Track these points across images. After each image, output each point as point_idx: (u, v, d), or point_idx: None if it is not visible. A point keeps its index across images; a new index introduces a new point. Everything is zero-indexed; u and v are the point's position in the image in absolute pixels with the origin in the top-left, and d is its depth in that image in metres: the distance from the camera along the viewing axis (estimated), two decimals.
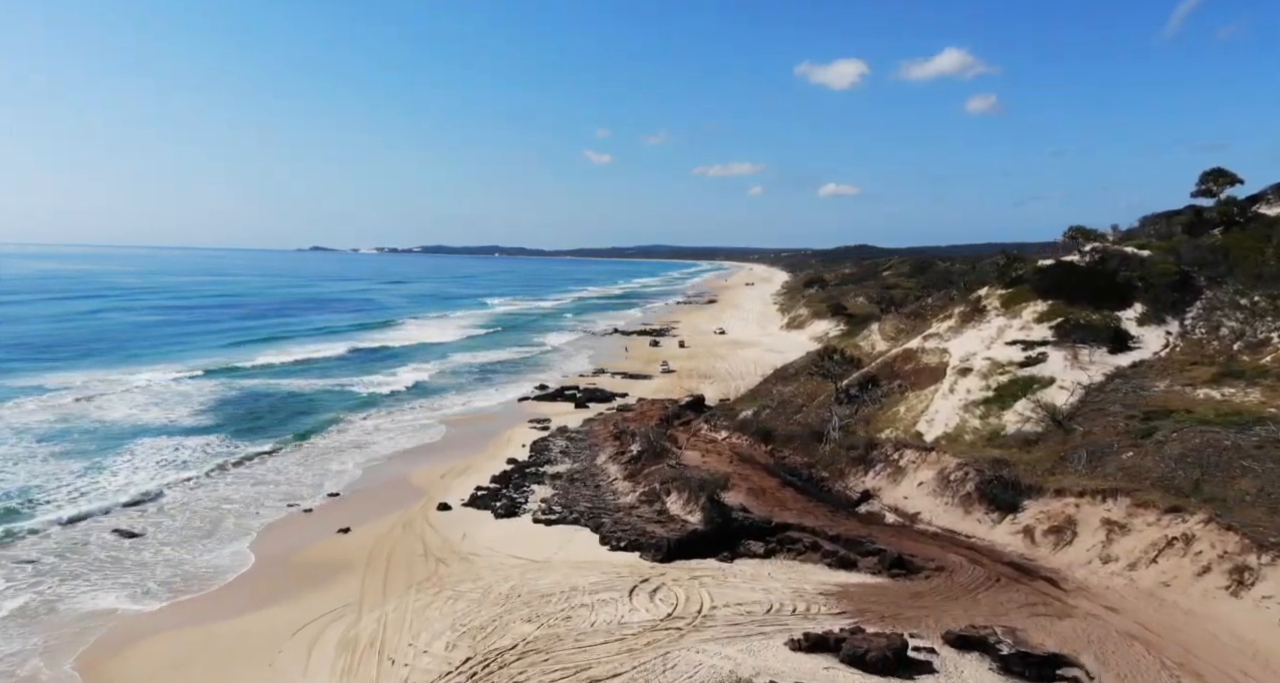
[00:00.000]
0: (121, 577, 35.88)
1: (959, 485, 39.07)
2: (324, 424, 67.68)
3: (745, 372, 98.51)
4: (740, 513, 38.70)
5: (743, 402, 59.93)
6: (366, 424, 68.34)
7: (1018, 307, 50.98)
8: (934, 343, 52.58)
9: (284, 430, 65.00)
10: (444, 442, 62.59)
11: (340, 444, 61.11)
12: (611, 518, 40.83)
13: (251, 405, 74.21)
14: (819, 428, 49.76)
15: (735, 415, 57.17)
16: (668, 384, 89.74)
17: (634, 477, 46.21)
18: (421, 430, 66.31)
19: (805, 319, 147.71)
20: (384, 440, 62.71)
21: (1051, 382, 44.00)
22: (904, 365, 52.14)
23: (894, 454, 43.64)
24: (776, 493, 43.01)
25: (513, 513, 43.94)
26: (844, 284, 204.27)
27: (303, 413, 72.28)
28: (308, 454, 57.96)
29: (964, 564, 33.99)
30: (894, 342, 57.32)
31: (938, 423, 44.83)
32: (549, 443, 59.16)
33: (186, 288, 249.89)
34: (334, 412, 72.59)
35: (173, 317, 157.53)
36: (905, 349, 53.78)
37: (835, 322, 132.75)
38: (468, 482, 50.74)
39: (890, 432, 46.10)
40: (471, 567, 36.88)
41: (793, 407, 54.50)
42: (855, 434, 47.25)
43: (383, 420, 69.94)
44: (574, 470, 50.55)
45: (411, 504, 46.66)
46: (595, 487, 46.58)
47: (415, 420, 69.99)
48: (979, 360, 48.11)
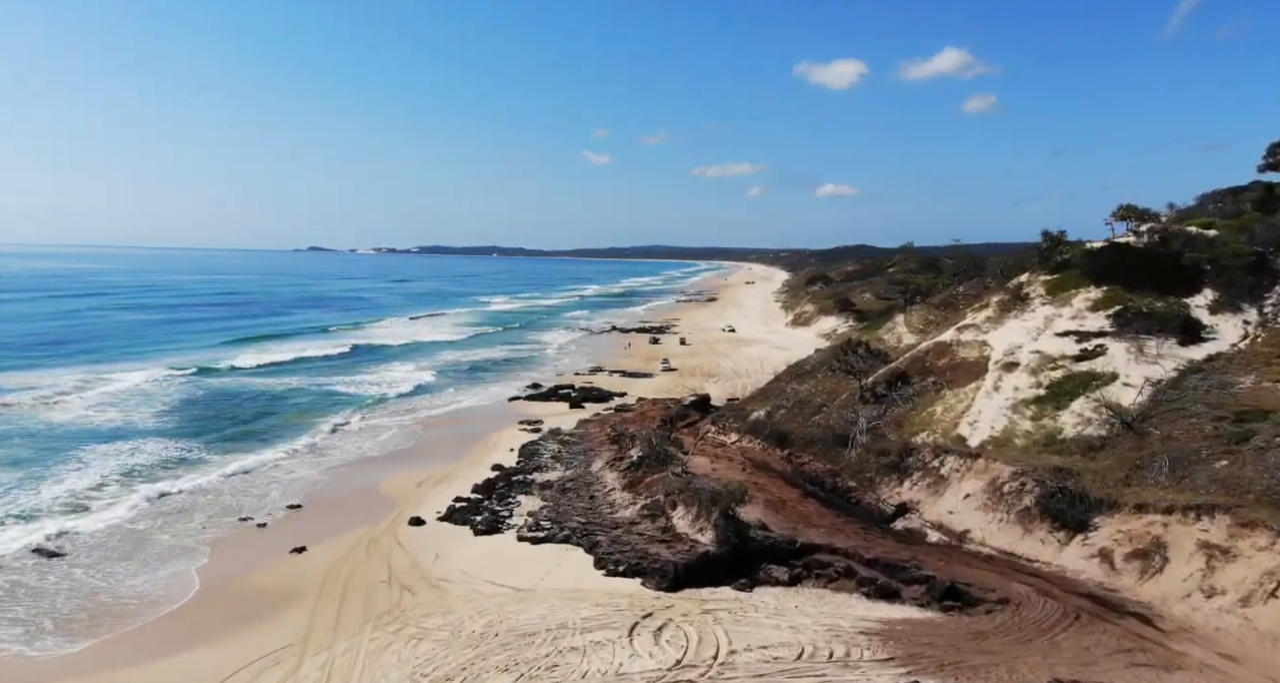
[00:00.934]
0: (16, 609, 30.11)
1: (1015, 498, 33.37)
2: (296, 427, 61.91)
3: (751, 369, 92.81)
4: (759, 531, 32.98)
5: (754, 401, 54.23)
6: (342, 426, 62.58)
7: (1066, 294, 45.38)
8: (971, 335, 46.91)
9: (250, 434, 59.28)
10: (424, 446, 56.83)
11: (309, 448, 55.35)
12: (608, 536, 35.11)
13: (221, 407, 68.43)
14: (843, 431, 44.07)
15: (746, 416, 51.46)
16: (669, 383, 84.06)
17: (634, 486, 40.49)
18: (400, 433, 60.56)
19: (811, 316, 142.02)
20: (358, 444, 56.97)
21: (1114, 378, 38.33)
22: (937, 360, 46.47)
23: (933, 461, 37.95)
24: (798, 506, 37.31)
25: (495, 529, 38.22)
26: (849, 281, 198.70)
27: (274, 414, 66.55)
28: (272, 460, 52.16)
29: (1031, 596, 28.28)
30: (922, 334, 51.71)
31: (982, 425, 39.16)
32: (539, 447, 53.42)
33: (177, 286, 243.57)
34: (309, 413, 66.87)
35: (158, 315, 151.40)
36: (937, 342, 48.14)
37: (844, 317, 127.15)
38: (446, 492, 45.01)
39: (926, 435, 40.39)
40: (442, 596, 31.15)
41: (811, 407, 48.80)
42: (886, 438, 41.57)
43: (360, 422, 64.19)
44: (566, 479, 44.85)
45: (380, 518, 40.94)
46: (590, 498, 40.87)
47: (395, 422, 64.22)
48: (1026, 354, 42.44)
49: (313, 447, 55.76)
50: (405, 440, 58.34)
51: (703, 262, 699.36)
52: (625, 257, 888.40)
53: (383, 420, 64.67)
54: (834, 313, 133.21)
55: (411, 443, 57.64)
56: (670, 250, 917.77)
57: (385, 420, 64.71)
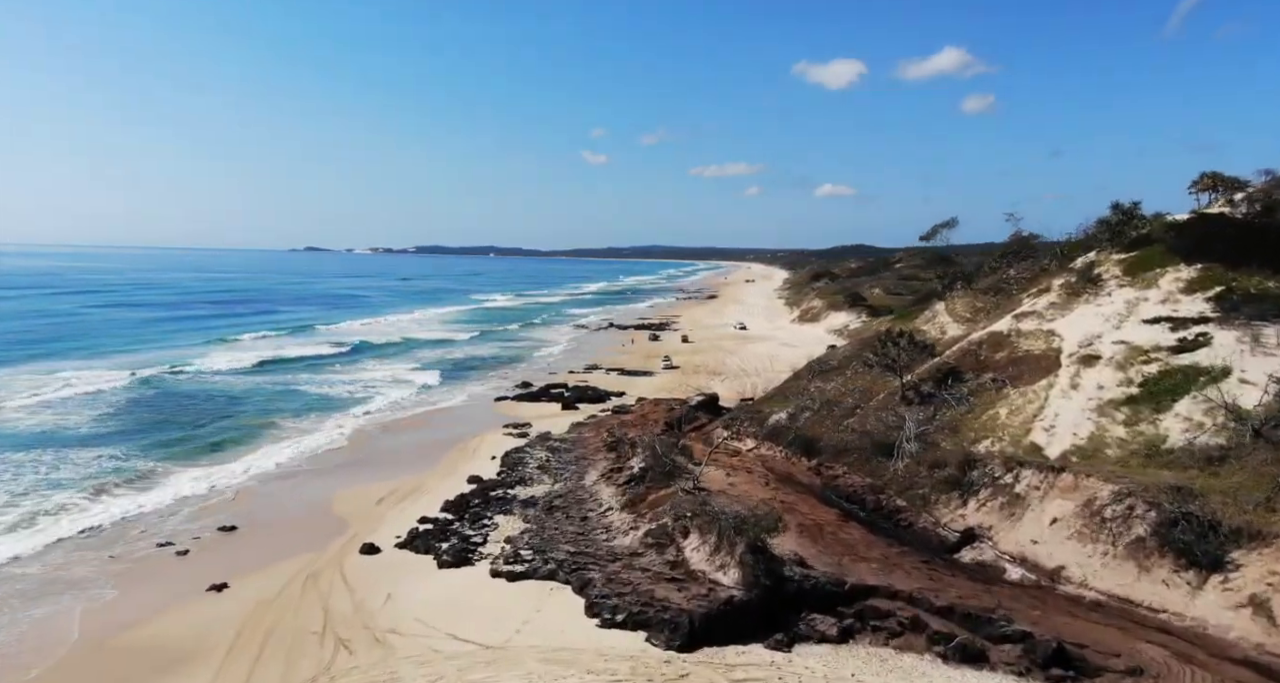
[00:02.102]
0: None
1: (1121, 527, 26.20)
2: (252, 433, 54.64)
3: (760, 367, 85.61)
4: (796, 568, 25.78)
5: (772, 402, 47.06)
6: (304, 430, 55.33)
7: (1150, 274, 38.29)
8: (1033, 323, 39.79)
9: (198, 441, 51.90)
10: (393, 452, 49.58)
11: (262, 456, 48.07)
12: (603, 572, 27.90)
13: (175, 411, 61.05)
14: (884, 437, 36.92)
15: (764, 419, 44.31)
16: (671, 381, 76.86)
17: (635, 506, 33.28)
18: (368, 438, 53.33)
19: (820, 311, 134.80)
20: (317, 451, 49.72)
21: (1226, 373, 31.19)
22: (993, 353, 39.32)
23: (1004, 476, 30.77)
24: (839, 533, 30.12)
25: (464, 560, 30.98)
26: (855, 277, 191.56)
27: (231, 418, 59.22)
28: (214, 471, 44.92)
29: (1171, 664, 21.11)
30: (970, 324, 44.64)
31: (1061, 431, 31.99)
32: (525, 455, 46.20)
33: (167, 284, 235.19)
34: (271, 417, 59.59)
35: (139, 313, 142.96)
36: (991, 332, 41.00)
37: (855, 313, 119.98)
38: (411, 510, 37.80)
39: (991, 443, 33.22)
40: (387, 657, 23.91)
41: (842, 408, 41.63)
42: (939, 447, 34.41)
43: (325, 425, 56.92)
44: (554, 495, 37.61)
45: (327, 544, 33.73)
46: (582, 520, 33.63)
47: (364, 425, 56.97)
48: (1108, 345, 35.30)
49: (266, 455, 48.48)
50: (372, 446, 51.09)
51: (701, 261, 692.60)
52: (623, 256, 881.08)
53: (350, 423, 57.38)
54: (844, 308, 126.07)
55: (379, 449, 50.38)
56: (668, 250, 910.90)
57: (353, 423, 57.41)
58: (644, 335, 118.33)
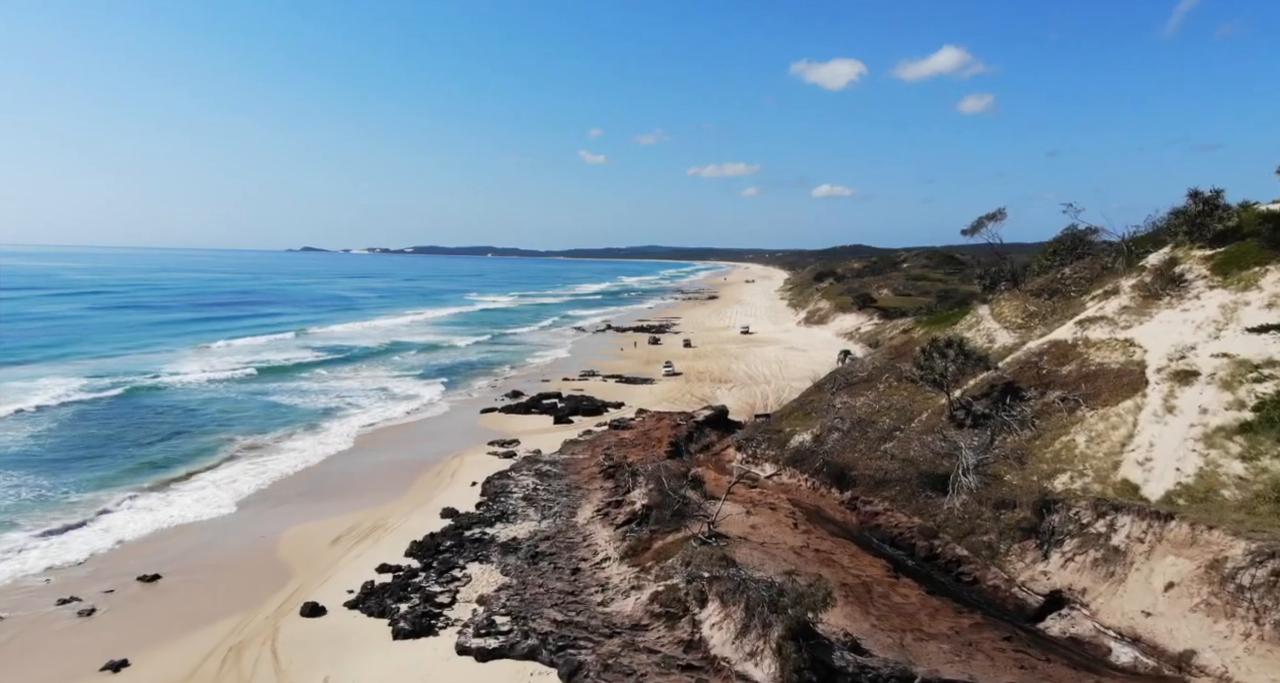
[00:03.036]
0: None
1: (1267, 598, 20.26)
2: (208, 450, 48.72)
3: (769, 374, 79.73)
4: (848, 655, 19.83)
5: (792, 419, 41.13)
6: (266, 448, 49.38)
7: (1248, 273, 32.35)
8: (1103, 331, 33.89)
9: (143, 462, 45.90)
10: (359, 476, 43.62)
11: (209, 483, 42.12)
12: (599, 652, 21.95)
13: (125, 424, 55.10)
14: (933, 467, 31.02)
15: (785, 441, 38.38)
16: (674, 390, 70.97)
17: (638, 555, 27.36)
18: (334, 458, 47.34)
19: (827, 313, 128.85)
20: (275, 474, 43.76)
21: None
22: (1058, 366, 33.39)
23: (1094, 523, 24.85)
24: (892, 594, 24.19)
25: (426, 628, 24.99)
26: (860, 277, 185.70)
27: (188, 433, 53.23)
28: (151, 501, 38.97)
29: None
30: (1024, 331, 38.68)
31: (1161, 466, 26.07)
32: (510, 481, 40.22)
33: (157, 284, 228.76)
34: (234, 431, 53.67)
35: (119, 317, 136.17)
36: (1053, 342, 35.09)
37: (866, 315, 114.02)
38: (371, 553, 31.86)
39: (1071, 479, 27.30)
40: None
41: (877, 430, 35.71)
42: (1004, 481, 28.47)
43: (291, 442, 50.98)
44: (540, 536, 31.64)
45: (264, 600, 27.80)
46: (573, 572, 27.67)
47: (330, 443, 50.94)
48: (1205, 359, 29.41)
49: (215, 481, 42.52)
50: (338, 468, 45.09)
51: (699, 262, 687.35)
52: (621, 257, 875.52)
53: (318, 440, 51.39)
54: (852, 310, 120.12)
55: (345, 471, 44.41)
56: (666, 251, 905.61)
57: (321, 440, 51.41)
58: (643, 339, 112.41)
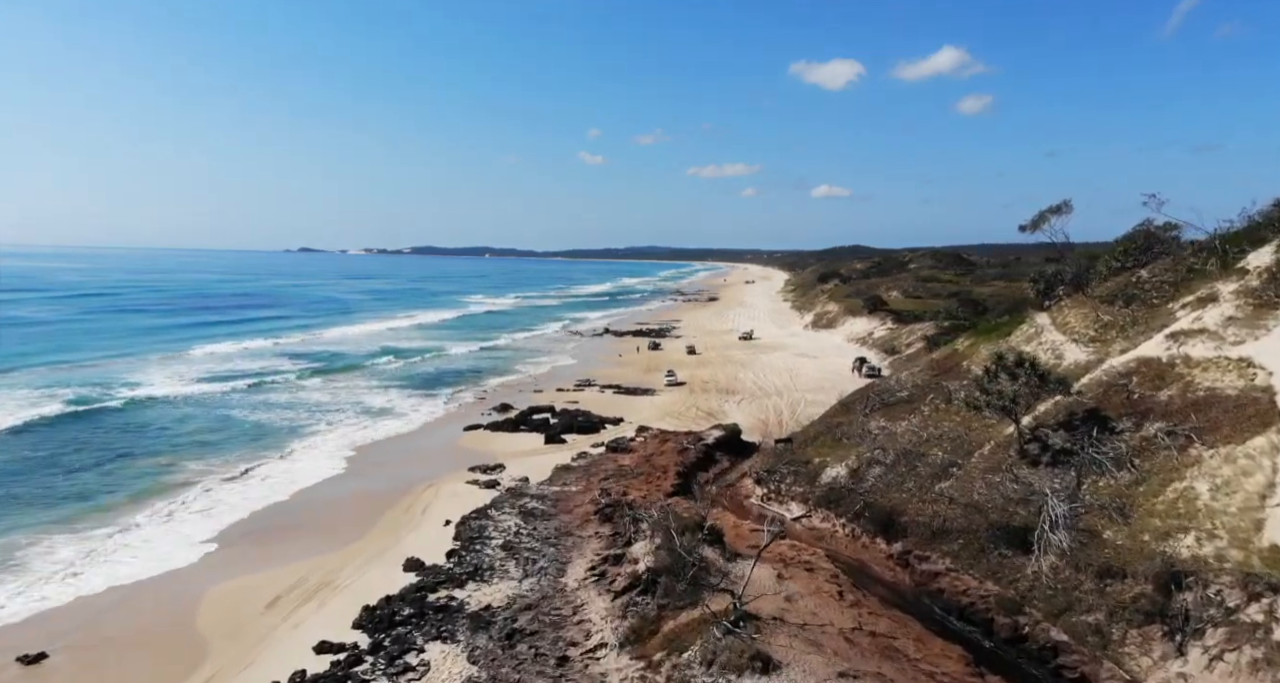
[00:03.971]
0: None
1: None
2: (148, 481, 42.69)
3: (781, 384, 73.70)
4: None
5: (820, 446, 35.14)
6: (215, 475, 43.36)
7: None
8: (1207, 347, 28.01)
9: (65, 497, 39.75)
10: (317, 510, 37.61)
11: (137, 522, 36.12)
12: None
13: (61, 447, 49.04)
14: (1006, 516, 25.08)
15: (815, 475, 32.41)
16: (677, 402, 65.01)
17: (643, 640, 21.35)
18: (292, 487, 41.28)
19: (836, 316, 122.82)
20: (217, 510, 37.72)
21: None
22: (1152, 390, 27.48)
23: (1246, 607, 18.93)
24: None
25: None
26: (866, 277, 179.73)
27: (130, 458, 47.31)
28: (58, 549, 32.91)
29: None
30: (1099, 345, 32.69)
31: None
32: (489, 521, 34.16)
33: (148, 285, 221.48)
34: (183, 455, 47.82)
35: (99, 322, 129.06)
36: (1142, 359, 29.16)
37: (879, 319, 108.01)
38: (311, 623, 25.82)
39: (1198, 542, 21.33)
40: None
41: (929, 465, 29.74)
42: (1104, 540, 22.50)
43: (245, 469, 44.94)
44: (520, 604, 25.57)
45: None
46: (558, 661, 21.61)
47: (293, 468, 44.94)
48: None
49: (143, 521, 36.46)
50: (291, 503, 39.03)
51: (698, 262, 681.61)
52: (620, 257, 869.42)
53: (274, 468, 45.24)
54: (863, 313, 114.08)
55: (299, 507, 38.36)
56: (665, 251, 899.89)
57: (277, 468, 45.24)
58: (643, 344, 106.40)
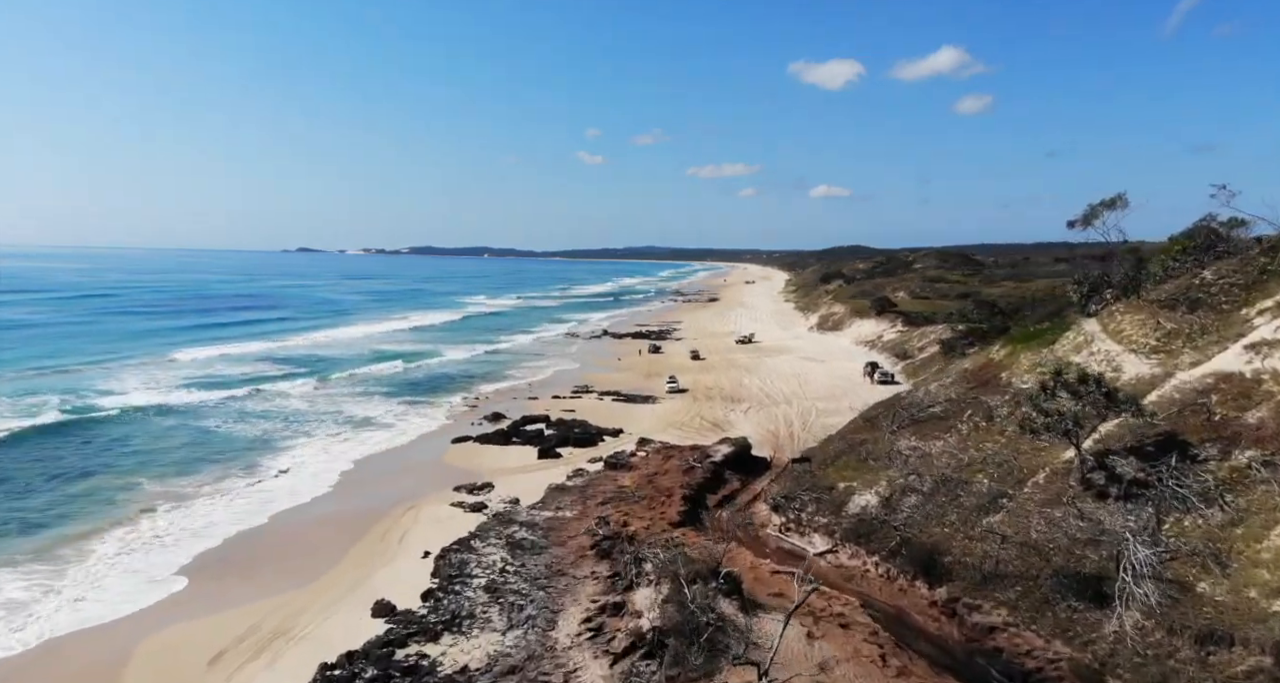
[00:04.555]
0: None
1: None
2: (104, 501, 39.03)
3: (789, 391, 69.88)
4: None
5: (842, 468, 31.40)
6: (176, 497, 39.57)
7: None
8: None
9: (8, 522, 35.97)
10: (284, 538, 33.83)
11: (79, 557, 32.31)
12: None
13: (15, 464, 45.24)
14: (1074, 560, 21.37)
15: (841, 503, 28.72)
16: (679, 411, 61.29)
17: None
18: (258, 510, 37.47)
19: (843, 318, 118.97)
20: (171, 538, 33.96)
21: None
22: (1237, 411, 23.74)
23: None
24: None
25: None
26: (871, 277, 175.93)
27: (91, 476, 43.64)
28: None
29: None
30: (1163, 355, 28.96)
31: None
32: (472, 555, 30.38)
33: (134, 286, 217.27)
34: (146, 472, 44.10)
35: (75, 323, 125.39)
36: (1220, 374, 25.43)
37: (888, 321, 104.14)
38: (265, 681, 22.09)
39: None
40: None
41: (973, 494, 26.01)
42: (1199, 594, 18.79)
43: (210, 488, 41.17)
44: (503, 666, 21.78)
45: None
46: None
47: (263, 487, 41.17)
48: None
49: (86, 555, 32.68)
50: (256, 529, 35.23)
51: (697, 262, 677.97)
52: (619, 257, 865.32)
53: (241, 488, 41.41)
54: (870, 315, 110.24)
55: (265, 533, 34.58)
56: (664, 251, 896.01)
57: (244, 489, 41.40)
58: (643, 346, 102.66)
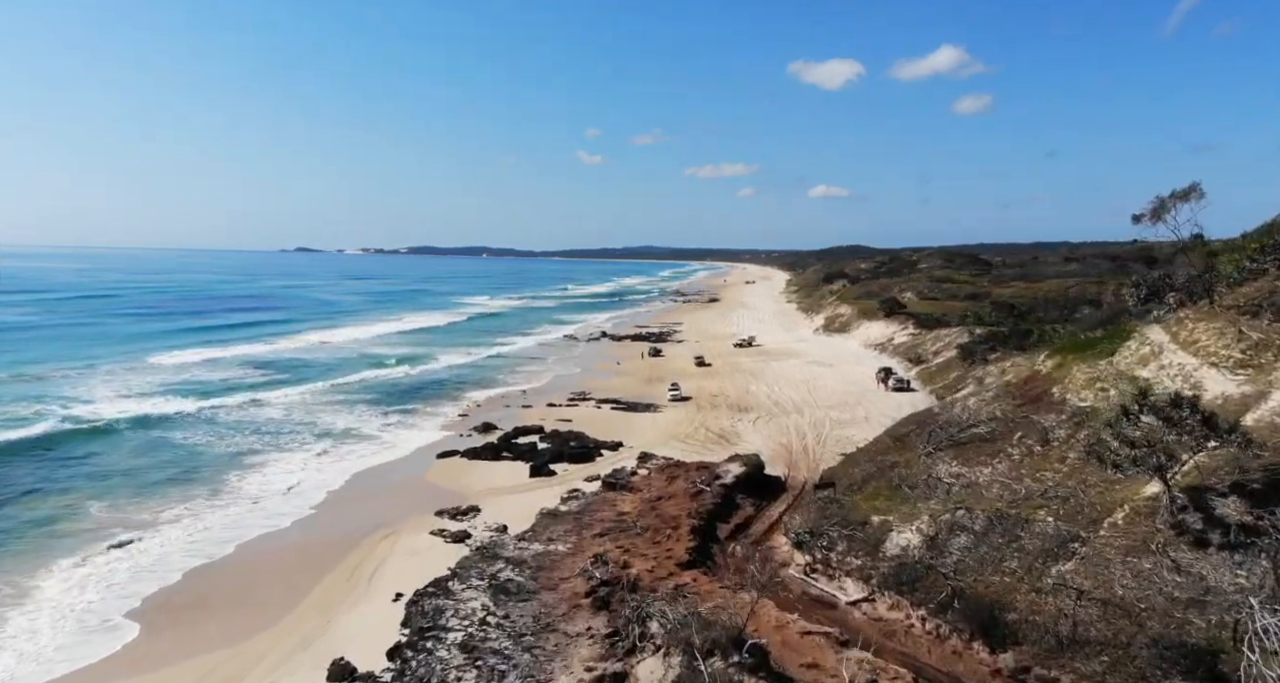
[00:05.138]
0: None
1: None
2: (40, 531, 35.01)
3: (799, 399, 65.78)
4: None
5: (873, 495, 27.41)
6: (121, 526, 35.53)
7: None
8: None
9: None
10: (239, 571, 29.78)
11: (31, 592, 28.29)
12: None
13: None
14: (1174, 626, 17.26)
15: (877, 542, 24.77)
16: (683, 421, 57.28)
17: None
18: (216, 540, 33.37)
19: (850, 320, 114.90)
20: (118, 572, 29.94)
21: None
22: None
23: None
24: None
25: None
26: (876, 277, 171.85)
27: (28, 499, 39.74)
28: None
29: None
30: (1252, 371, 25.04)
31: None
32: (450, 601, 26.26)
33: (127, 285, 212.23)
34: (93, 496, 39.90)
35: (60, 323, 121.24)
36: None
37: (897, 323, 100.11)
38: None
39: None
40: None
41: (1036, 536, 22.01)
42: None
43: (167, 514, 37.12)
44: None
45: None
46: None
47: (227, 511, 37.10)
48: None
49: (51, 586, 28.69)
50: (209, 563, 31.14)
51: (696, 262, 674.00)
52: (617, 257, 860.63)
53: (202, 511, 37.32)
54: (879, 317, 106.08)
55: (219, 566, 30.52)
56: (663, 251, 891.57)
57: (205, 511, 37.29)
58: (642, 349, 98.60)
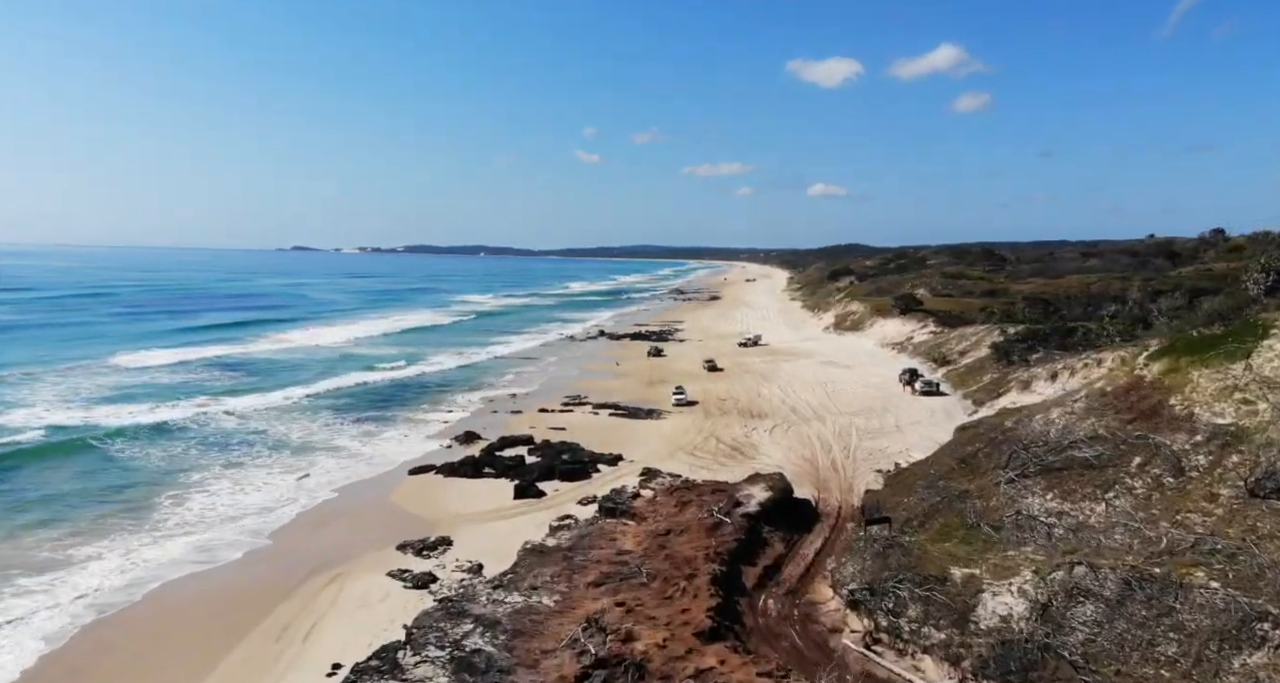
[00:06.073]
0: None
1: None
2: None
3: (817, 404, 59.50)
4: None
5: (943, 534, 21.28)
6: (26, 569, 29.38)
7: None
8: None
9: None
10: (147, 629, 23.66)
11: None
12: None
13: None
14: None
15: (964, 607, 18.50)
16: (690, 430, 51.17)
17: None
18: (129, 587, 27.24)
19: (862, 318, 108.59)
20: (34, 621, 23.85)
21: None
22: None
23: None
24: None
25: None
26: (884, 274, 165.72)
27: None
28: None
29: None
30: None
31: None
32: (398, 678, 20.06)
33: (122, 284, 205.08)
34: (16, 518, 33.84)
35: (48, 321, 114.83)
36: None
37: (915, 321, 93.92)
38: None
39: None
40: None
41: (1197, 605, 15.80)
42: None
43: (80, 553, 30.99)
44: None
45: None
46: None
47: (156, 546, 30.93)
48: None
49: None
50: (113, 617, 25.00)
51: (694, 261, 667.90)
52: (616, 256, 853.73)
53: (126, 549, 31.16)
54: (894, 314, 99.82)
55: (121, 624, 24.38)
56: (661, 250, 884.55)
57: (128, 550, 31.15)
58: (642, 348, 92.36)
